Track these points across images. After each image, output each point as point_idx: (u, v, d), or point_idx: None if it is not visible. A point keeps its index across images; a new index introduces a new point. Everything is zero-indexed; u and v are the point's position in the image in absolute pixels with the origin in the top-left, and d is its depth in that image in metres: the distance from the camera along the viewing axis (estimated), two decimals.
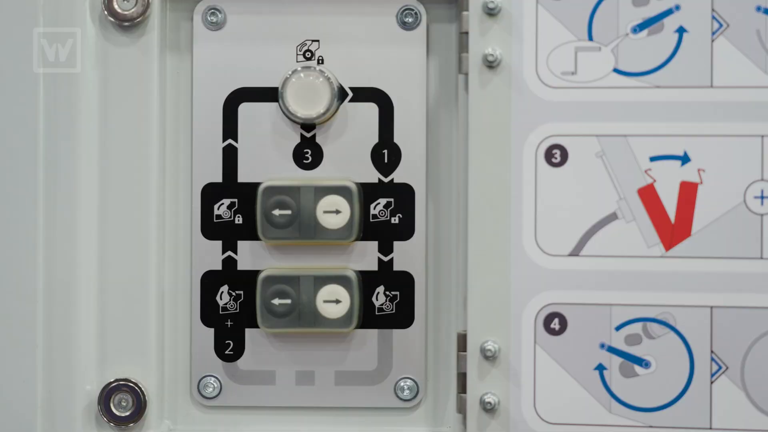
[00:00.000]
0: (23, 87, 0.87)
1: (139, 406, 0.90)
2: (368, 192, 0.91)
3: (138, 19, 0.89)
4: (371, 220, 0.91)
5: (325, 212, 0.89)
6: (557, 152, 0.87)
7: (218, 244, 0.91)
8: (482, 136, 0.87)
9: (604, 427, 0.87)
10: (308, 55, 0.91)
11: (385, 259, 0.91)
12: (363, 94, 0.91)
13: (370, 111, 0.91)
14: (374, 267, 0.91)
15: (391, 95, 0.91)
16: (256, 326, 0.91)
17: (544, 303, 0.87)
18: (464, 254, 0.89)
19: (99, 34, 0.89)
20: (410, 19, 0.90)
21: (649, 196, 0.86)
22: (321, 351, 0.91)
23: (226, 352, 0.91)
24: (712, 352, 0.86)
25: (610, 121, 0.86)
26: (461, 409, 0.89)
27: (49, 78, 0.88)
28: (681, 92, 0.86)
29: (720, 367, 0.86)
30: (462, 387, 0.88)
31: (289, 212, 0.89)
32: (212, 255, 0.91)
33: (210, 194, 0.91)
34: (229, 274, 0.91)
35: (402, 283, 0.91)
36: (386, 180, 0.91)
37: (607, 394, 0.87)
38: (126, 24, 0.89)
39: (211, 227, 0.91)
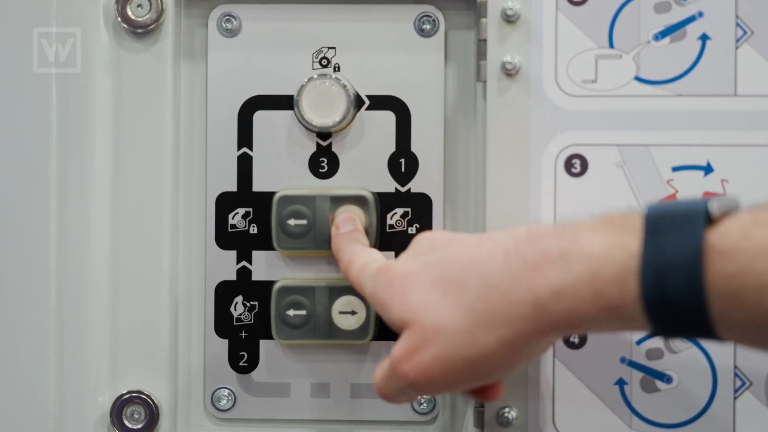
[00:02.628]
0: (23, 87, 0.87)
1: (152, 418, 0.89)
2: (385, 201, 0.90)
3: (152, 26, 0.89)
4: (388, 230, 0.90)
5: None
6: (577, 162, 0.86)
7: (233, 254, 0.90)
8: (501, 145, 0.86)
9: None
10: (324, 62, 0.90)
11: None
12: (380, 102, 0.90)
13: (386, 119, 0.90)
14: None
15: (409, 103, 0.90)
16: (271, 338, 0.90)
17: None
18: None
19: (112, 40, 0.89)
20: (428, 26, 0.89)
21: None
22: (336, 363, 0.90)
23: (241, 363, 0.90)
24: (735, 367, 0.85)
25: (632, 130, 0.85)
26: (478, 422, 0.87)
27: (61, 84, 0.88)
28: (704, 101, 0.85)
29: (744, 383, 0.85)
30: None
31: (304, 222, 0.88)
32: (226, 265, 0.90)
33: (224, 203, 0.90)
34: (243, 284, 0.90)
35: None
36: (403, 189, 0.90)
37: (627, 409, 0.85)
38: (140, 31, 0.89)
39: (225, 237, 0.90)
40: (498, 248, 0.72)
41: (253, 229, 0.90)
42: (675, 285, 0.65)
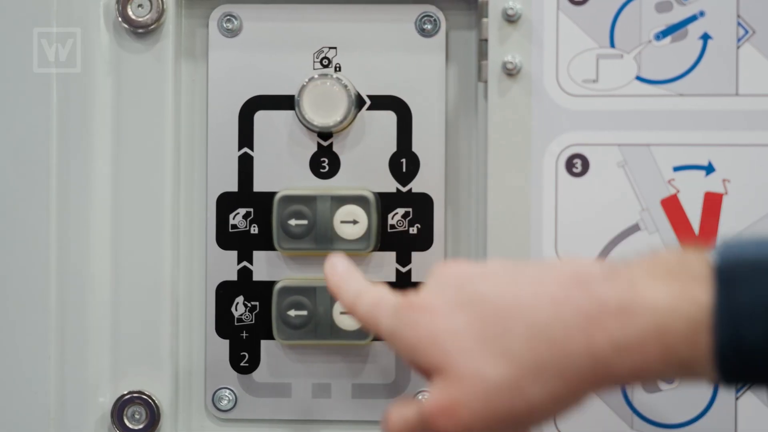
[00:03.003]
0: (23, 87, 0.87)
1: (153, 418, 0.89)
2: (386, 202, 0.90)
3: (153, 26, 0.88)
4: (389, 230, 0.90)
5: (342, 222, 0.88)
6: (578, 162, 0.86)
7: (233, 254, 0.90)
8: (502, 145, 0.86)
9: None
10: (325, 62, 0.90)
11: (404, 270, 0.90)
12: (381, 102, 0.90)
13: (388, 119, 0.90)
14: (392, 278, 0.90)
15: (410, 103, 0.89)
16: (272, 338, 0.90)
17: None
18: None
19: (113, 40, 0.89)
20: (429, 26, 0.89)
21: (672, 206, 0.85)
22: (338, 363, 0.90)
23: (242, 364, 0.90)
24: None
25: (633, 130, 0.85)
26: None
27: (61, 84, 0.87)
28: (705, 100, 0.85)
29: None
30: None
31: (305, 222, 0.88)
32: (227, 265, 0.90)
33: (225, 203, 0.90)
34: (244, 284, 0.90)
35: None
36: (404, 189, 0.90)
37: (629, 409, 0.85)
38: (140, 31, 0.89)
39: (226, 237, 0.90)
40: (543, 293, 0.66)
41: (254, 230, 0.90)
42: (753, 339, 0.61)
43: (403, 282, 0.90)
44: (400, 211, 0.90)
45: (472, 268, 0.70)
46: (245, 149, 0.90)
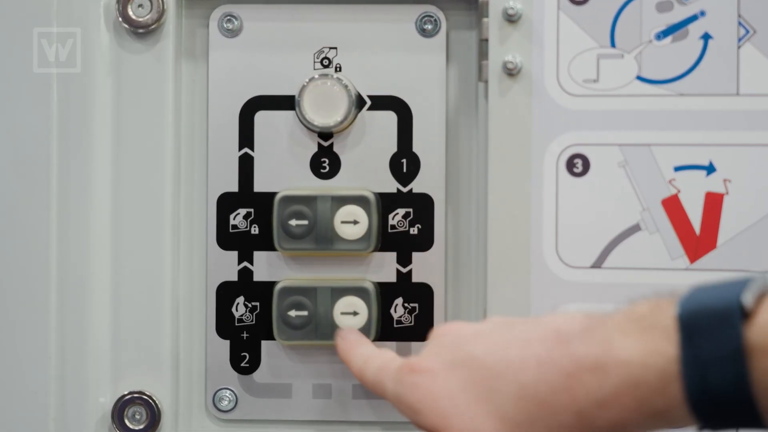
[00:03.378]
0: (23, 87, 0.87)
1: (153, 419, 0.89)
2: (387, 202, 0.90)
3: (153, 26, 0.88)
4: (389, 230, 0.90)
5: (343, 222, 0.88)
6: (579, 162, 0.86)
7: (234, 254, 0.90)
8: (502, 145, 0.86)
9: None
10: (326, 62, 0.90)
11: (404, 270, 0.90)
12: (381, 102, 0.90)
13: (388, 119, 0.90)
14: (392, 278, 0.90)
15: (410, 103, 0.89)
16: (273, 338, 0.90)
17: None
18: (484, 266, 0.87)
19: (113, 40, 0.89)
20: (429, 26, 0.89)
21: (673, 206, 0.85)
22: (338, 364, 0.90)
23: (242, 364, 0.90)
24: None
25: (634, 129, 0.85)
26: None
27: (61, 84, 0.87)
28: (706, 100, 0.85)
29: None
30: None
31: (306, 222, 0.88)
32: (228, 266, 0.90)
33: (226, 204, 0.90)
34: (245, 285, 0.90)
35: (421, 295, 0.90)
36: (405, 190, 0.90)
37: None
38: (141, 31, 0.89)
39: (226, 237, 0.90)
40: (529, 354, 0.69)
41: (255, 230, 0.90)
42: (719, 387, 0.63)
43: (404, 282, 0.90)
44: (401, 211, 0.90)
45: (467, 329, 0.74)
46: (246, 149, 0.90)
